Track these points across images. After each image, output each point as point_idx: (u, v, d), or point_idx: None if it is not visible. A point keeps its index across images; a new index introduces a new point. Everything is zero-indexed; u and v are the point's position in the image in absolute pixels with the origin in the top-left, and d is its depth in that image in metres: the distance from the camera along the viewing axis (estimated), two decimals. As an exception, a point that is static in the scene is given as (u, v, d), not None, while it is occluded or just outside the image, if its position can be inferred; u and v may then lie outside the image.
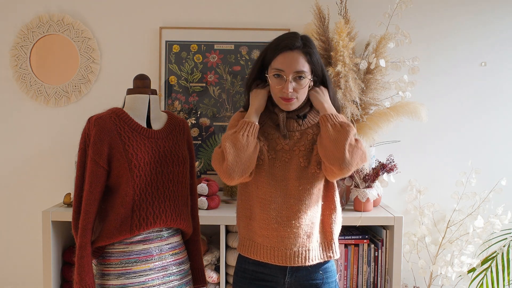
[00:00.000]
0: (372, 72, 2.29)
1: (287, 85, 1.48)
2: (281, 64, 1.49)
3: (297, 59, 1.49)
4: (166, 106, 2.52)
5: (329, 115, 1.49)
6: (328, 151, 1.47)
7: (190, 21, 2.54)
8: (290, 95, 1.50)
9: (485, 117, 2.59)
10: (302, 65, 1.50)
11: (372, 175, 2.24)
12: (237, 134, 1.48)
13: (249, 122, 1.50)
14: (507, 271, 2.43)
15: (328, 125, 1.48)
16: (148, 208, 1.54)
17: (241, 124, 1.50)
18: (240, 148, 1.46)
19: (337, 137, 1.45)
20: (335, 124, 1.47)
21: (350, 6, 2.39)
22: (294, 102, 1.52)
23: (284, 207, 1.53)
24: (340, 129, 1.46)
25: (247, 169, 1.48)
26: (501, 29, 2.56)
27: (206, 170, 2.54)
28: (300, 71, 1.49)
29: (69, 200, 2.25)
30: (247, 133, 1.48)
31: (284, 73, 1.49)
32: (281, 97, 1.51)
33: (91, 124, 1.55)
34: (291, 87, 1.49)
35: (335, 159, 1.44)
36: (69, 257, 2.24)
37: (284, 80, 1.49)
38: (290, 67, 1.49)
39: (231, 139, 1.48)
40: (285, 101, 1.51)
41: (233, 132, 1.50)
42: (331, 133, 1.46)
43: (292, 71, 1.48)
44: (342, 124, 1.47)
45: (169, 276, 1.59)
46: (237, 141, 1.47)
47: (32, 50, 2.53)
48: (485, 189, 2.49)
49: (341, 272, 2.20)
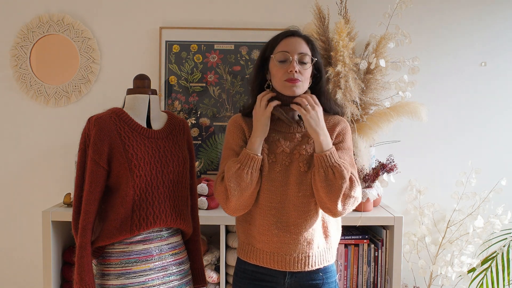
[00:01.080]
0: (372, 72, 2.29)
1: (293, 63, 1.49)
2: (286, 46, 1.51)
3: (300, 42, 1.52)
4: (166, 106, 2.52)
5: (323, 156, 1.45)
6: (320, 197, 1.47)
7: (190, 21, 2.54)
8: (296, 76, 1.48)
9: (485, 117, 2.59)
10: (305, 49, 1.52)
11: (372, 175, 2.24)
12: (242, 172, 1.46)
13: (253, 157, 1.48)
14: (507, 271, 2.43)
15: (321, 171, 1.44)
16: (148, 208, 1.54)
17: (246, 159, 1.48)
18: (245, 187, 1.47)
19: (330, 189, 1.43)
20: (328, 169, 1.44)
21: (350, 6, 2.39)
22: (299, 85, 1.50)
23: (283, 213, 1.51)
24: (333, 179, 1.43)
25: (250, 205, 1.53)
26: (501, 30, 2.56)
27: (206, 170, 2.54)
28: (304, 53, 1.51)
29: (69, 200, 2.25)
30: (251, 170, 1.48)
31: (289, 54, 1.50)
32: (287, 79, 1.50)
33: (91, 124, 1.55)
34: (297, 67, 1.49)
35: (326, 209, 1.48)
36: (69, 257, 2.24)
37: (289, 62, 1.50)
38: (294, 48, 1.50)
39: (235, 178, 1.46)
40: (290, 82, 1.49)
41: (237, 169, 1.47)
42: (324, 182, 1.43)
43: (297, 52, 1.50)
44: (336, 170, 1.43)
45: (169, 276, 1.59)
46: (242, 181, 1.47)
47: (32, 50, 2.53)
48: (485, 189, 2.49)
49: (341, 272, 2.20)
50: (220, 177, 1.54)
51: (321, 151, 1.46)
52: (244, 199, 1.49)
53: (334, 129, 1.57)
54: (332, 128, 1.57)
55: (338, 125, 1.58)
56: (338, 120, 1.60)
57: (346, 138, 1.58)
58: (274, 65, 1.53)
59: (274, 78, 1.53)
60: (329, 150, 1.46)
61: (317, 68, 1.58)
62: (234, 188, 1.46)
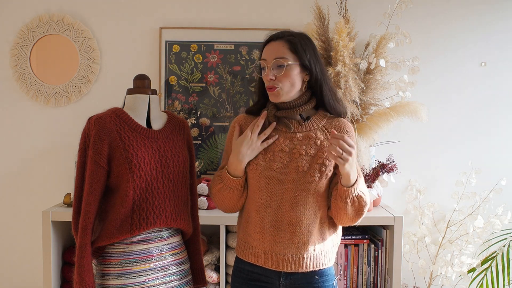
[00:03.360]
0: (372, 72, 2.29)
1: (267, 71, 1.50)
2: (264, 54, 1.53)
3: (277, 47, 1.50)
4: (166, 106, 2.52)
5: (350, 190, 1.46)
6: (340, 218, 1.54)
7: (190, 21, 2.54)
8: (271, 83, 1.49)
9: (485, 117, 2.59)
10: (282, 53, 1.49)
11: (372, 175, 2.24)
12: (224, 191, 1.55)
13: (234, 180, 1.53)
14: (507, 271, 2.43)
15: (348, 201, 1.48)
16: (148, 208, 1.54)
17: (227, 181, 1.53)
18: (228, 201, 1.57)
19: (355, 214, 1.52)
20: (353, 200, 1.48)
21: (350, 6, 2.39)
22: (277, 92, 1.50)
23: (279, 212, 1.50)
24: (359, 208, 1.50)
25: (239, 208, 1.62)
26: (501, 29, 2.56)
27: (206, 170, 2.54)
28: (279, 58, 1.48)
29: (69, 200, 2.25)
30: (233, 190, 1.54)
31: (265, 62, 1.51)
32: (267, 87, 1.52)
33: (91, 124, 1.54)
34: (272, 74, 1.49)
35: (344, 224, 1.59)
36: (69, 257, 2.24)
37: (265, 70, 1.52)
38: (270, 55, 1.50)
39: (218, 196, 1.57)
40: (270, 91, 1.51)
41: (220, 188, 1.55)
42: (349, 211, 1.50)
43: (272, 59, 1.50)
44: (361, 200, 1.49)
45: (169, 276, 1.59)
46: (224, 197, 1.56)
47: (32, 50, 2.53)
48: (485, 189, 2.49)
49: (341, 272, 2.20)
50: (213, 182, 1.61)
51: (348, 185, 1.47)
52: (231, 207, 1.60)
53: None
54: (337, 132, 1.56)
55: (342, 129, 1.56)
56: (343, 123, 1.58)
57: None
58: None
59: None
60: (356, 182, 1.48)
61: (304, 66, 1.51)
62: (218, 203, 1.60)
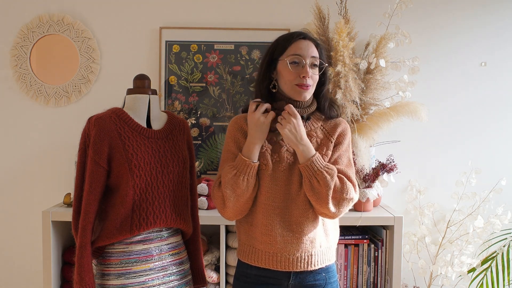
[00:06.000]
0: (372, 72, 2.29)
1: (306, 68, 1.48)
2: (299, 50, 1.50)
3: (311, 46, 1.52)
4: (166, 106, 2.52)
5: (305, 166, 1.46)
6: (313, 203, 1.49)
7: (190, 21, 2.54)
8: (307, 81, 1.48)
9: (485, 117, 2.59)
10: (316, 53, 1.52)
11: (372, 175, 2.24)
12: (237, 178, 1.47)
13: (249, 164, 1.48)
14: (507, 271, 2.43)
15: (307, 181, 1.45)
16: (148, 208, 1.54)
17: (241, 166, 1.48)
18: (240, 194, 1.48)
19: (317, 197, 1.45)
20: (312, 179, 1.45)
21: (350, 6, 2.39)
22: (310, 90, 1.51)
23: (286, 212, 1.51)
24: (318, 188, 1.44)
25: (247, 210, 1.54)
26: (501, 29, 2.56)
27: (206, 170, 2.54)
28: (316, 57, 1.51)
29: (69, 200, 2.25)
30: (247, 177, 1.48)
31: (301, 58, 1.49)
32: (298, 84, 1.49)
33: (91, 124, 1.55)
34: (310, 72, 1.49)
35: (322, 213, 1.50)
36: (69, 257, 2.24)
37: (301, 65, 1.49)
38: (307, 52, 1.50)
39: (231, 184, 1.48)
40: (302, 88, 1.49)
41: (233, 175, 1.48)
42: (310, 191, 1.46)
43: (309, 56, 1.49)
44: (320, 178, 1.44)
45: (169, 276, 1.59)
46: (238, 188, 1.48)
47: (32, 50, 2.53)
48: (485, 189, 2.49)
49: (341, 272, 2.20)
50: (217, 182, 1.55)
51: (303, 161, 1.47)
52: (240, 205, 1.51)
53: (335, 130, 1.57)
54: (333, 129, 1.58)
55: (339, 126, 1.58)
56: (339, 121, 1.60)
57: (346, 140, 1.58)
58: (284, 67, 1.51)
59: (283, 80, 1.52)
60: (311, 158, 1.46)
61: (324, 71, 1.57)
62: (230, 195, 1.48)
